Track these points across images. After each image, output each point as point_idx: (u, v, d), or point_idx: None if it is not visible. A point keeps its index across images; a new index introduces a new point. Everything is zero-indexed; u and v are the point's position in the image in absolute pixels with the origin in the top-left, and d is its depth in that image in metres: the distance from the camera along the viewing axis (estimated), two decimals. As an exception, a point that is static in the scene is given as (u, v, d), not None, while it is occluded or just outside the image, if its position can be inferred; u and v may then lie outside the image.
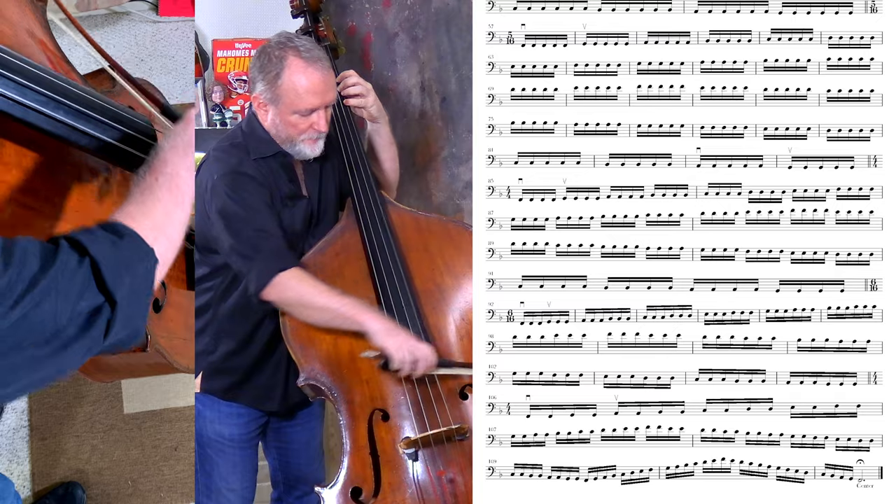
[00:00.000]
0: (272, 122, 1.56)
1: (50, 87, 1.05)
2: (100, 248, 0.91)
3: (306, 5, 1.80)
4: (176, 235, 1.08)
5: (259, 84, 1.54)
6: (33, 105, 1.03)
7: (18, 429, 2.31)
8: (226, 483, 1.70)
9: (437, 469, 1.45)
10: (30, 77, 1.03)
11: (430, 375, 1.49)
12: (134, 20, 2.86)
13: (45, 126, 1.06)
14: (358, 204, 1.62)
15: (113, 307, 0.91)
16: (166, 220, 1.06)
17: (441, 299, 1.58)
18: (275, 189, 1.57)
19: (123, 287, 0.92)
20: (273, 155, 1.58)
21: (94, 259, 0.90)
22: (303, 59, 1.51)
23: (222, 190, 1.52)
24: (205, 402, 1.68)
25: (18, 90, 1.01)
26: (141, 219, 1.02)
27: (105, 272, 0.90)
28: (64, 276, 0.87)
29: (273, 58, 1.52)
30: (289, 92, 1.51)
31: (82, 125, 1.11)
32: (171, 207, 1.07)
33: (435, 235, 1.63)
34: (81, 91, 1.11)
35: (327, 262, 1.55)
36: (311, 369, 1.50)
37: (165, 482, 2.37)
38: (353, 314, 1.46)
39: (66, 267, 0.87)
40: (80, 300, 0.88)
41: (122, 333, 0.94)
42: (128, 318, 0.94)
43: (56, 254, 0.88)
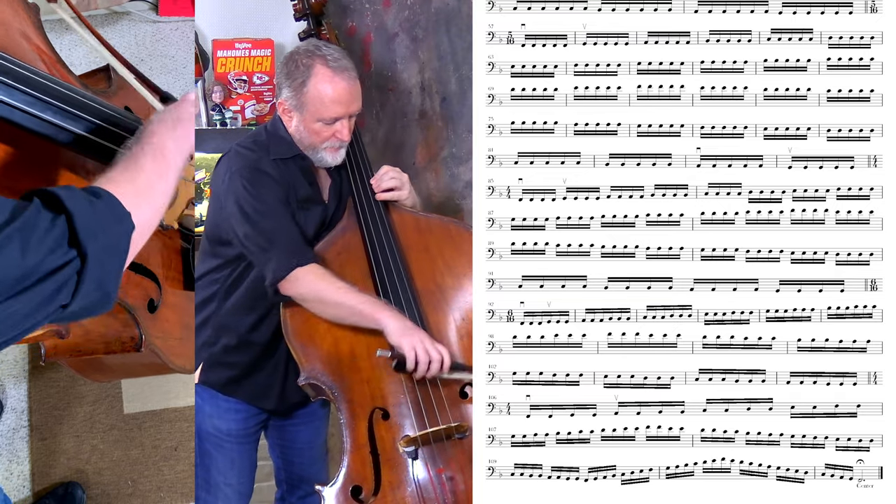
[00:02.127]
0: (296, 128, 1.58)
1: (37, 87, 1.06)
2: (75, 203, 0.91)
3: (309, 9, 1.81)
4: (158, 205, 1.08)
5: (285, 90, 1.56)
6: (20, 105, 1.04)
7: (18, 429, 2.31)
8: (223, 478, 1.70)
9: (436, 467, 1.45)
10: (18, 78, 1.03)
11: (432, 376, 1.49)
12: (134, 20, 2.86)
13: (31, 126, 1.07)
14: (359, 204, 1.62)
15: (84, 263, 0.91)
16: (148, 189, 1.06)
17: (442, 299, 1.58)
18: (291, 191, 1.58)
19: (96, 246, 0.92)
20: (293, 157, 1.59)
21: (70, 213, 0.90)
22: (330, 68, 1.52)
23: (239, 183, 1.53)
24: (204, 397, 1.68)
25: (5, 91, 1.02)
26: (123, 184, 1.02)
27: (78, 226, 0.90)
28: (35, 228, 0.87)
29: (300, 65, 1.53)
30: (314, 100, 1.53)
31: (69, 125, 1.11)
32: (154, 177, 1.07)
33: (435, 236, 1.63)
34: (70, 90, 1.12)
35: (328, 262, 1.56)
36: (312, 368, 1.50)
37: (165, 482, 2.37)
38: (371, 311, 1.46)
39: (36, 220, 0.87)
40: (51, 253, 0.88)
41: (92, 296, 0.94)
42: (99, 278, 0.93)
43: (26, 208, 0.88)
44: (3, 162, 1.06)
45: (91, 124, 1.15)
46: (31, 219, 0.87)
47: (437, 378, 1.49)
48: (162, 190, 1.09)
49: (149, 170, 1.07)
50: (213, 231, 1.59)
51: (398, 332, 1.44)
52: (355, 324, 1.49)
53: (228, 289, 1.62)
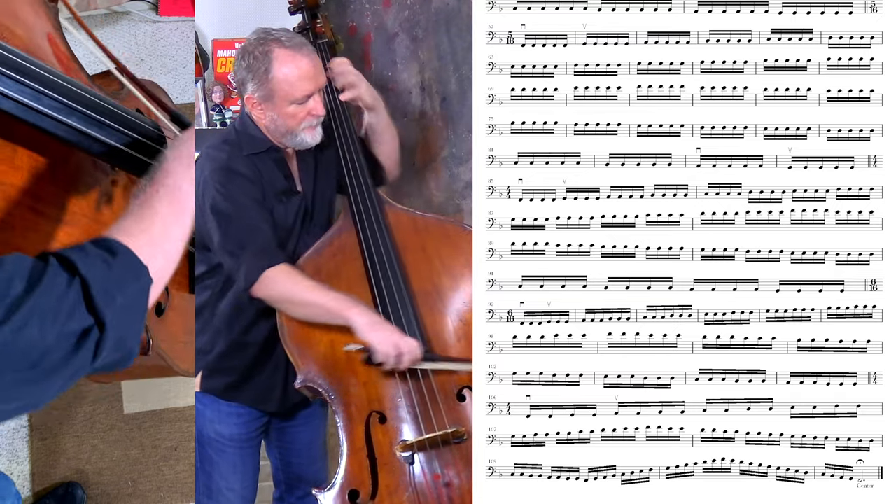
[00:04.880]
0: (270, 118, 1.56)
1: (64, 92, 1.05)
2: (90, 267, 0.88)
3: (303, 2, 1.80)
4: (174, 252, 1.04)
5: (249, 85, 1.54)
6: (47, 111, 1.02)
7: (18, 429, 2.31)
8: (226, 483, 1.70)
9: (434, 472, 1.45)
10: (45, 83, 1.02)
11: (426, 377, 1.49)
12: (134, 20, 2.86)
13: (57, 132, 1.05)
14: (354, 204, 1.61)
15: (102, 329, 0.87)
16: (164, 237, 1.02)
17: (438, 300, 1.57)
18: (267, 185, 1.57)
19: (114, 308, 0.88)
20: (266, 151, 1.59)
21: (84, 279, 0.86)
22: (287, 48, 1.52)
23: (212, 186, 1.52)
24: (205, 402, 1.68)
25: (34, 96, 1.00)
26: (138, 234, 0.98)
27: (95, 293, 0.86)
28: (50, 297, 0.83)
29: (258, 55, 1.52)
30: (282, 84, 1.52)
31: (94, 131, 1.10)
32: (169, 222, 1.03)
33: (432, 236, 1.62)
34: (93, 96, 1.11)
35: (324, 264, 1.55)
36: (309, 371, 1.49)
37: (165, 482, 2.37)
38: (339, 309, 1.46)
39: (52, 287, 0.84)
40: (68, 322, 0.84)
41: (113, 356, 0.91)
42: (119, 340, 0.90)
43: (43, 274, 0.84)
44: (27, 166, 1.04)
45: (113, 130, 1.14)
46: (49, 287, 0.83)
47: (431, 379, 1.49)
48: (177, 236, 1.04)
49: (164, 214, 1.02)
50: (199, 238, 1.58)
51: (366, 328, 1.44)
52: (326, 322, 1.48)
53: (219, 294, 1.62)
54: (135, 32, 2.84)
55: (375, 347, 1.44)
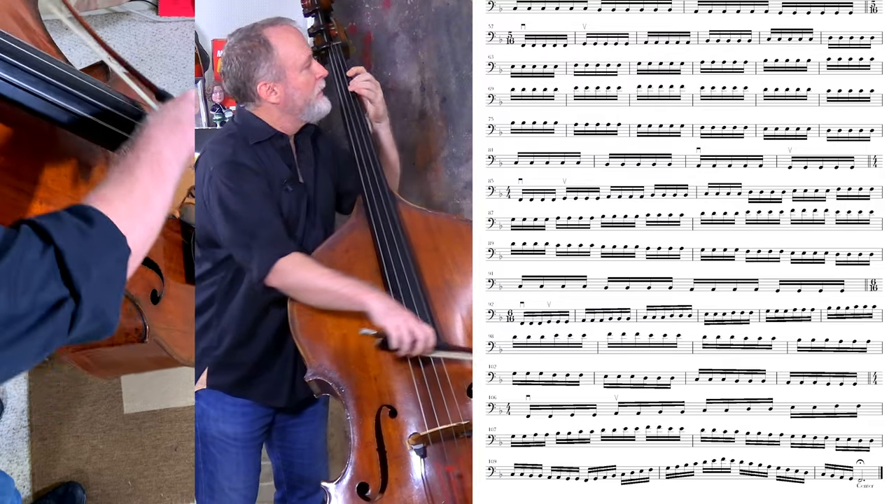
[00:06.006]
0: (286, 96, 1.59)
1: (37, 66, 1.03)
2: (66, 236, 0.85)
3: (318, 4, 1.81)
4: (154, 222, 1.00)
5: (262, 70, 1.58)
6: (22, 84, 1.01)
7: (18, 429, 2.31)
8: (229, 482, 1.70)
9: (445, 465, 1.45)
10: (18, 56, 1.01)
11: (438, 370, 1.49)
12: (134, 20, 2.86)
13: (33, 106, 1.04)
14: (368, 201, 1.62)
15: (78, 301, 0.85)
16: (144, 206, 0.98)
17: (450, 296, 1.58)
18: (273, 176, 1.58)
19: (90, 280, 0.86)
20: (269, 139, 1.60)
21: (59, 248, 0.84)
22: (275, 26, 1.59)
23: (218, 180, 1.53)
24: (209, 401, 1.67)
25: (7, 69, 0.99)
26: (117, 203, 0.94)
27: (70, 263, 0.84)
28: (22, 265, 0.81)
29: (255, 43, 1.57)
30: (288, 54, 1.58)
31: (68, 103, 1.08)
32: (151, 190, 0.99)
33: (445, 233, 1.64)
34: (67, 70, 1.09)
35: (337, 259, 1.56)
36: (320, 365, 1.50)
37: (165, 482, 2.37)
38: (355, 294, 1.47)
39: (22, 255, 0.81)
40: (40, 291, 0.81)
41: (90, 326, 0.89)
42: (96, 311, 0.88)
43: (13, 241, 0.81)
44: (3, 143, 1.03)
45: (94, 107, 1.12)
46: (19, 255, 0.81)
47: (446, 373, 1.49)
48: (159, 204, 1.01)
49: (145, 182, 0.99)
50: (202, 234, 1.59)
51: (382, 313, 1.45)
52: (341, 308, 1.49)
53: (227, 291, 1.62)
54: (135, 32, 2.84)
55: (391, 332, 1.44)
